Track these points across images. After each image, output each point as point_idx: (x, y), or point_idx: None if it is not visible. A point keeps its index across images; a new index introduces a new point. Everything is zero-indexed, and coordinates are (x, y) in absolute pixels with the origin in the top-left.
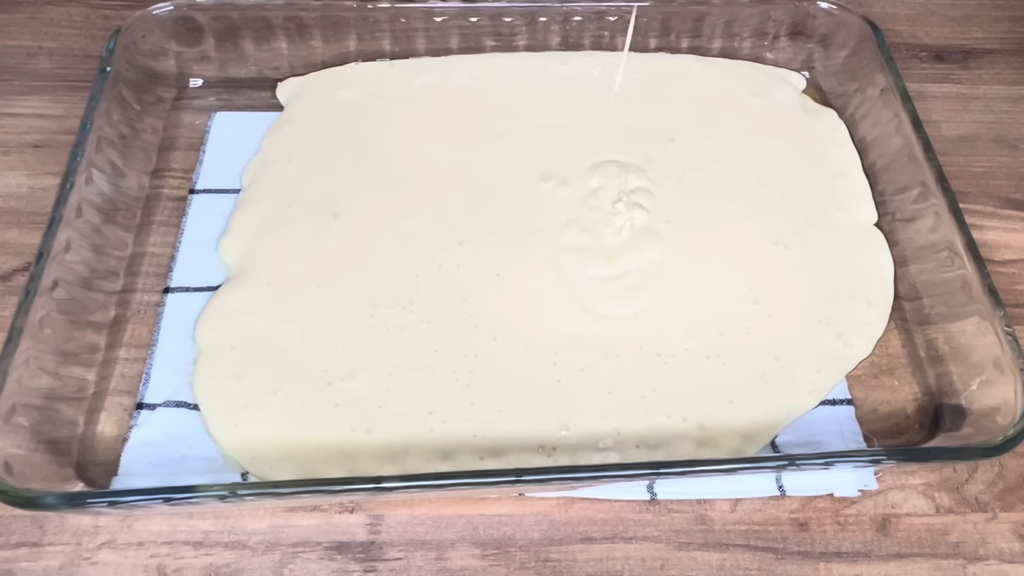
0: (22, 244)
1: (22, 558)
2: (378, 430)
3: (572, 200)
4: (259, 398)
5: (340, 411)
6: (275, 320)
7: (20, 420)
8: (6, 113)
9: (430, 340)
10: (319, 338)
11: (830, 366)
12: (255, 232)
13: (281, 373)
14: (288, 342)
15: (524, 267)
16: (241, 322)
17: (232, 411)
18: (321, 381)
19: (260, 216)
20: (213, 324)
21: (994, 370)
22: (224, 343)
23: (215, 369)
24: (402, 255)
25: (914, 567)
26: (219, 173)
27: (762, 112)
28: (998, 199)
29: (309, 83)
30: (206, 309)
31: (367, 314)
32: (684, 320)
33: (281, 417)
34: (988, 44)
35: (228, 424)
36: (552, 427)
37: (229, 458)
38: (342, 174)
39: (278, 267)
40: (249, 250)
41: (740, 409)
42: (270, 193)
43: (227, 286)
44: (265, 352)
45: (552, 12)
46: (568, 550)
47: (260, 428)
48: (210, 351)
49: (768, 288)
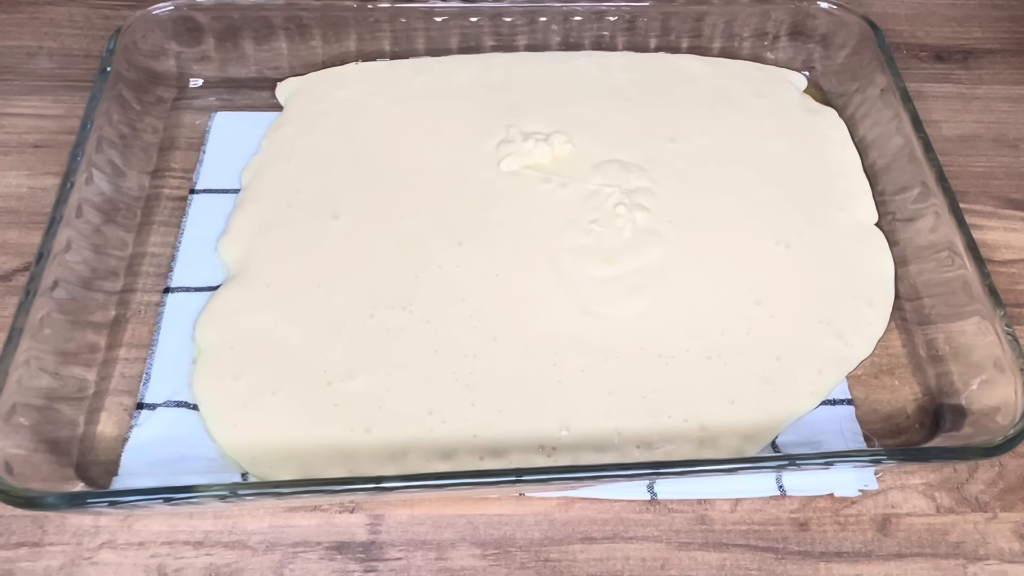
0: (22, 244)
1: (22, 558)
2: (377, 430)
3: (573, 200)
4: (258, 398)
5: (340, 411)
6: (274, 320)
7: (20, 420)
8: (6, 113)
9: (430, 340)
10: (319, 338)
11: (831, 366)
12: (255, 232)
13: (280, 373)
14: (288, 342)
15: (524, 267)
16: (240, 322)
17: (232, 411)
18: (320, 381)
19: (259, 216)
20: (212, 324)
21: (994, 370)
22: (223, 343)
23: (214, 369)
24: (401, 255)
25: (914, 567)
26: (219, 173)
27: (763, 112)
28: (998, 199)
29: (308, 83)
30: (205, 309)
31: (367, 314)
32: (685, 321)
33: (281, 417)
34: (988, 44)
35: (228, 424)
36: (552, 428)
37: (229, 458)
38: (341, 174)
39: (278, 267)
40: (249, 250)
41: (741, 410)
42: (269, 193)
43: (226, 286)
44: (265, 352)
45: (552, 12)
46: (568, 550)
47: (260, 428)
48: (209, 351)
49: (769, 288)
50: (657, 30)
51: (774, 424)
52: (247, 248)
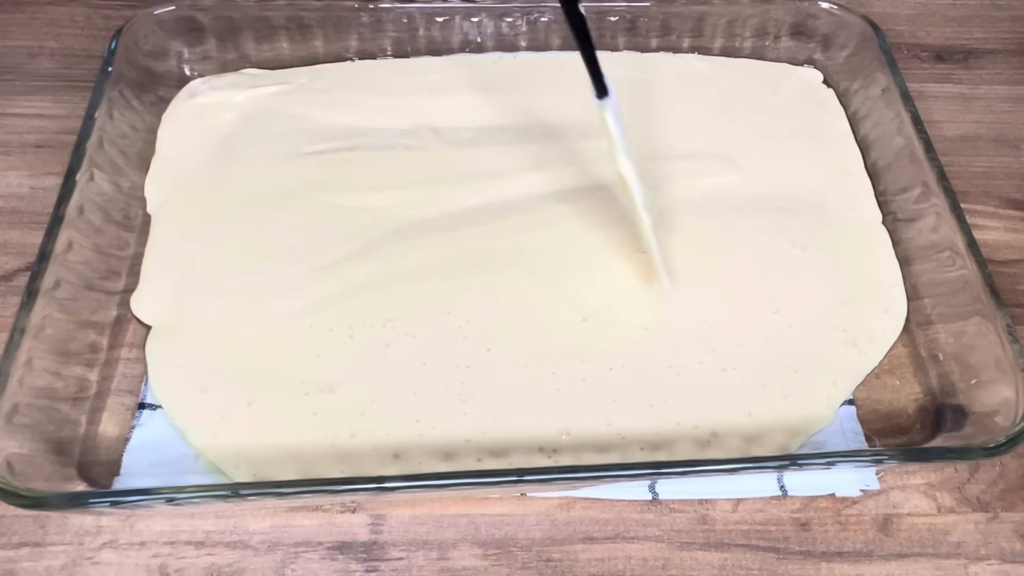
0: (24, 244)
1: (24, 558)
2: (363, 435)
3: (575, 204)
4: (235, 411)
5: (319, 419)
6: (238, 338)
7: (22, 420)
8: (8, 113)
9: (417, 354)
10: (295, 357)
11: (845, 376)
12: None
13: (254, 386)
14: (255, 359)
15: (524, 276)
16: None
17: (207, 423)
18: (299, 392)
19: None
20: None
21: (995, 370)
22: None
23: (175, 383)
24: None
25: (915, 567)
26: None
27: (773, 111)
28: (999, 199)
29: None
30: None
31: (346, 335)
32: (700, 331)
33: (261, 426)
34: (989, 44)
35: (208, 435)
36: (552, 432)
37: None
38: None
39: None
40: (177, 304)
41: (757, 421)
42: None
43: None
44: (233, 366)
45: (553, 12)
46: (570, 550)
47: (239, 437)
48: (160, 363)
49: (787, 295)
50: (658, 30)
51: (791, 437)
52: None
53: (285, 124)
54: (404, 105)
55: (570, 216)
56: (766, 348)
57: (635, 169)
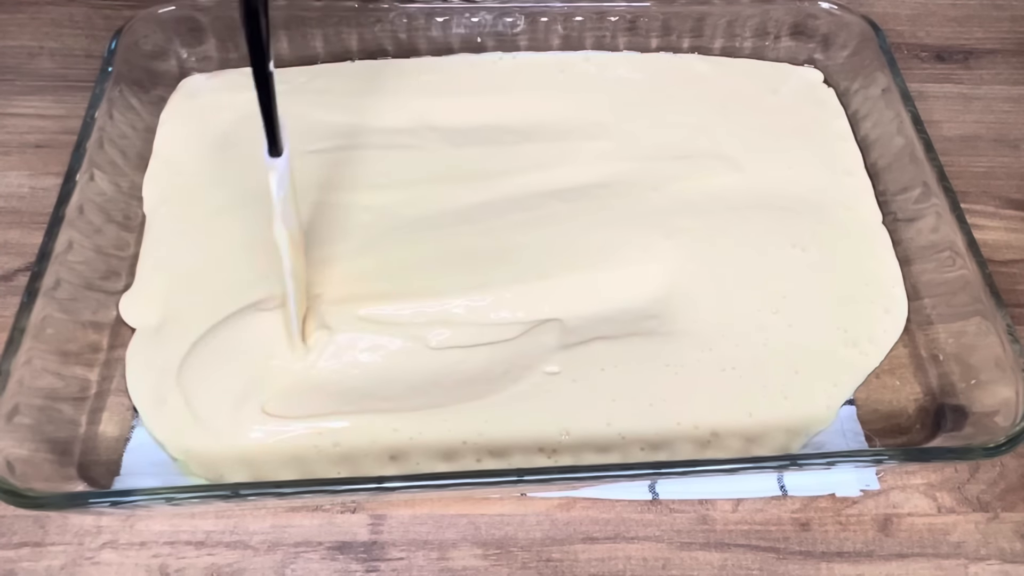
0: (24, 244)
1: (24, 558)
2: (346, 444)
3: (576, 204)
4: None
5: (297, 425)
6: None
7: (22, 420)
8: (8, 113)
9: (416, 352)
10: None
11: (845, 377)
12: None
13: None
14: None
15: (523, 274)
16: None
17: (175, 433)
18: (295, 394)
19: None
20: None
21: (995, 370)
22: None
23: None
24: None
25: (916, 567)
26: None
27: (773, 110)
28: (999, 199)
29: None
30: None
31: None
32: (697, 329)
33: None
34: (989, 44)
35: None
36: (552, 433)
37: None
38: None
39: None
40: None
41: (758, 422)
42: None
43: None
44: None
45: (553, 12)
46: (570, 550)
47: (215, 445)
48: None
49: (788, 295)
50: (658, 30)
51: (792, 438)
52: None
53: (284, 124)
54: (404, 105)
55: (570, 215)
56: (766, 348)
57: (289, 237)
